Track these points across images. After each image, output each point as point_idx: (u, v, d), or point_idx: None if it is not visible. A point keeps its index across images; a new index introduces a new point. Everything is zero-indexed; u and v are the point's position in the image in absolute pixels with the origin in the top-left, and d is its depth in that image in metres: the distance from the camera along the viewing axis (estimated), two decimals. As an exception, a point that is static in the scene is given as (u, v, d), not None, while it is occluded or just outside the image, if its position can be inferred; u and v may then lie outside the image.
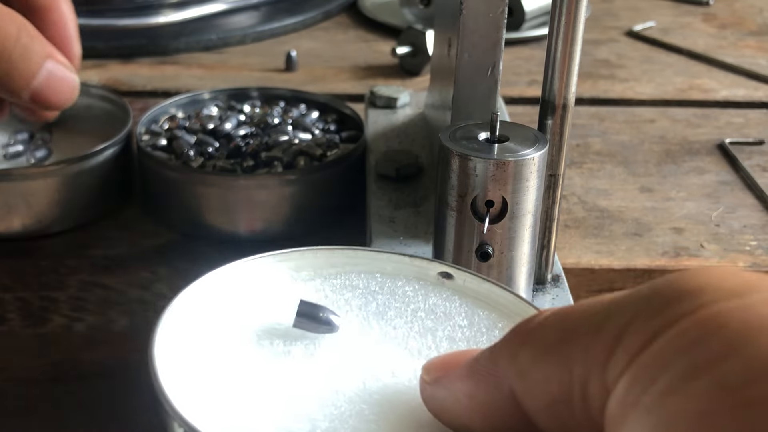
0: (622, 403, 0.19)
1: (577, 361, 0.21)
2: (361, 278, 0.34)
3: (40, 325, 0.50)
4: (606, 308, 0.21)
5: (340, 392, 0.28)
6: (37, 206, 0.54)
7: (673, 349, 0.19)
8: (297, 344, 0.30)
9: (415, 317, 0.32)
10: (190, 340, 0.29)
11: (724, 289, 0.19)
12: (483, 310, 0.33)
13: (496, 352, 0.24)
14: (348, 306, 0.32)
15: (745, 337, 0.18)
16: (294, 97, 0.65)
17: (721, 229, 0.57)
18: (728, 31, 0.96)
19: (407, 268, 0.34)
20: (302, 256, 0.34)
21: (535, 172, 0.38)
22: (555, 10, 0.39)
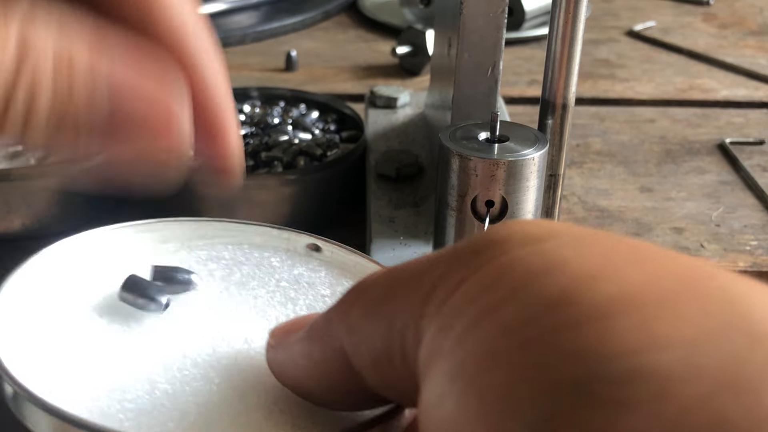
0: (429, 351, 0.20)
1: (397, 314, 0.21)
2: (228, 249, 0.34)
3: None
4: (427, 262, 0.21)
5: (188, 357, 0.27)
6: (37, 206, 0.54)
7: (469, 296, 0.19)
8: (151, 312, 0.29)
9: (278, 287, 0.32)
10: (34, 309, 0.29)
11: (525, 237, 0.20)
12: (348, 281, 0.33)
13: (331, 312, 0.24)
14: (211, 277, 0.32)
15: (528, 280, 0.18)
16: (294, 97, 0.65)
17: (721, 229, 0.57)
18: (728, 31, 0.96)
19: (276, 240, 0.34)
20: (167, 226, 0.34)
21: (535, 172, 0.38)
22: (555, 10, 0.39)
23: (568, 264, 0.18)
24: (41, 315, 0.29)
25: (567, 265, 0.18)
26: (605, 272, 0.18)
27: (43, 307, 0.29)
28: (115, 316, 0.29)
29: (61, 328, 0.28)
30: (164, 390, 0.26)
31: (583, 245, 0.19)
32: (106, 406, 0.25)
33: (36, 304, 0.29)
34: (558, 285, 0.18)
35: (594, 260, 0.18)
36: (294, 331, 0.26)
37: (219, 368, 0.27)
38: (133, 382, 0.26)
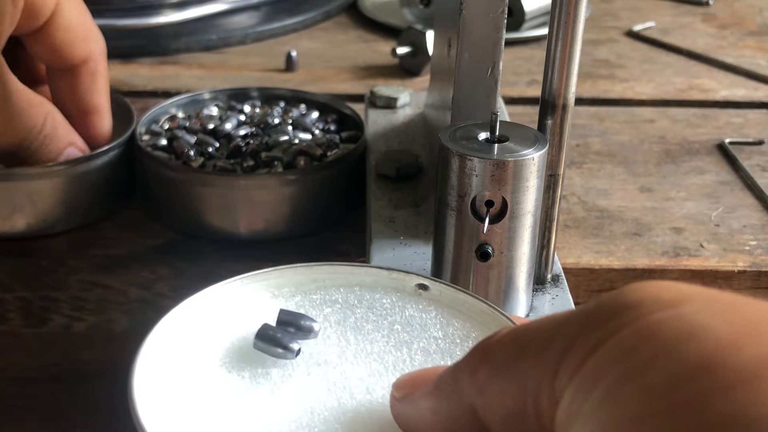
0: (567, 412, 0.20)
1: (529, 375, 0.22)
2: (340, 292, 0.35)
3: (40, 325, 0.50)
4: (556, 324, 0.22)
5: (315, 412, 0.28)
6: (42, 206, 0.54)
7: (609, 359, 0.20)
8: (276, 366, 0.30)
9: (392, 330, 0.33)
10: (169, 369, 0.30)
11: (661, 301, 0.20)
12: (458, 320, 0.33)
13: (458, 370, 0.25)
14: (327, 322, 0.33)
15: (673, 344, 0.19)
16: (294, 97, 0.65)
17: (720, 229, 0.57)
18: (728, 31, 0.96)
19: (385, 279, 0.35)
20: (282, 273, 0.35)
21: (535, 172, 0.38)
22: (555, 10, 0.39)
23: (710, 329, 0.19)
24: (175, 375, 0.30)
25: (709, 330, 0.19)
26: (749, 336, 0.18)
27: (176, 367, 0.30)
28: (244, 372, 0.30)
29: (194, 388, 0.29)
30: None
31: (722, 310, 0.20)
32: None
33: (169, 365, 0.30)
34: (703, 350, 0.18)
35: (736, 324, 0.19)
36: (418, 384, 0.26)
37: (346, 422, 0.28)
38: None
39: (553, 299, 0.43)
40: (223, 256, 0.53)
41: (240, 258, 0.53)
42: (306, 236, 0.55)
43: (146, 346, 0.30)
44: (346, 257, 0.53)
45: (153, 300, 0.53)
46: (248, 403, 0.29)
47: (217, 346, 0.31)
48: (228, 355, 0.31)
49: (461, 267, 0.40)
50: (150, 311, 0.53)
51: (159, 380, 0.29)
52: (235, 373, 0.30)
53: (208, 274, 0.52)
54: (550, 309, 0.42)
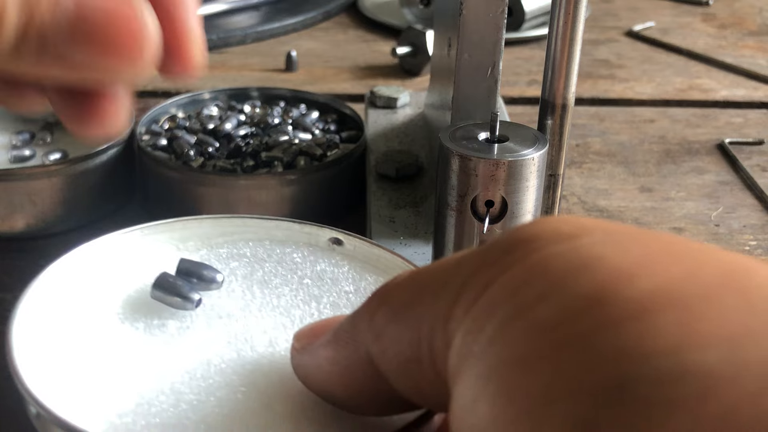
0: (459, 355, 0.19)
1: (424, 318, 0.21)
2: (249, 246, 0.33)
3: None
4: (454, 264, 0.21)
5: (212, 364, 0.27)
6: (42, 205, 0.54)
7: (500, 296, 0.19)
8: (174, 317, 0.29)
9: (302, 285, 0.31)
10: (57, 317, 0.29)
11: (557, 234, 0.19)
12: (371, 275, 0.32)
13: (356, 317, 0.23)
14: (233, 275, 0.32)
15: (564, 278, 0.18)
16: (294, 97, 0.65)
17: (720, 228, 0.57)
18: (728, 31, 0.96)
19: (297, 234, 0.34)
20: (186, 225, 0.33)
21: (534, 172, 0.38)
22: (555, 10, 0.39)
23: (603, 260, 0.18)
24: (62, 326, 0.28)
25: (602, 261, 0.18)
26: (642, 268, 0.17)
27: (64, 317, 0.29)
28: (138, 323, 0.29)
29: (84, 339, 0.28)
30: (189, 401, 0.25)
31: (618, 241, 0.18)
32: (132, 422, 0.25)
33: (56, 315, 0.29)
34: (594, 282, 0.17)
35: (630, 256, 0.18)
36: (319, 334, 0.25)
37: (244, 374, 0.27)
38: (157, 395, 0.26)
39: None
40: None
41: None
42: (306, 236, 0.55)
43: (30, 294, 0.28)
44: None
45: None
46: (140, 354, 0.27)
47: (111, 296, 0.30)
48: (122, 305, 0.30)
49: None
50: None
51: (43, 330, 0.28)
52: (128, 324, 0.29)
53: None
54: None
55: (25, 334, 0.27)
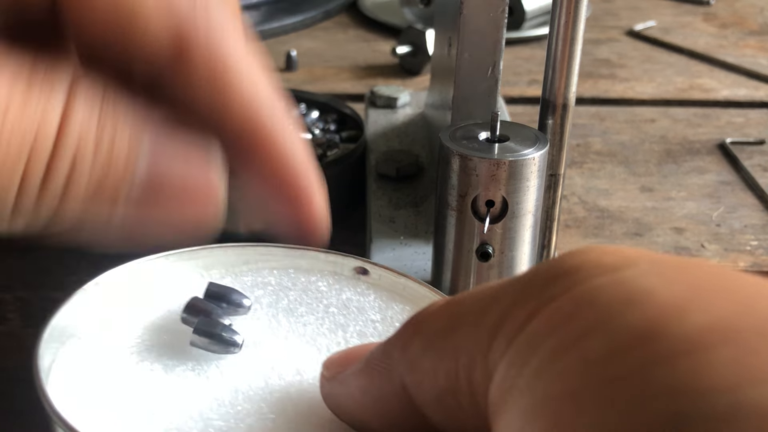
0: (501, 388, 0.19)
1: (462, 348, 0.20)
2: (273, 274, 0.33)
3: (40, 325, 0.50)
4: (492, 293, 0.20)
5: (240, 391, 0.27)
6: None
7: (545, 329, 0.18)
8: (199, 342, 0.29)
9: (327, 313, 0.31)
10: (84, 343, 0.28)
11: (601, 266, 0.19)
12: (398, 304, 0.32)
13: (389, 345, 0.23)
14: (258, 303, 0.31)
15: (612, 311, 0.17)
16: (294, 97, 0.65)
17: (721, 228, 0.57)
18: (729, 31, 0.96)
19: (322, 263, 0.34)
20: (211, 253, 0.33)
21: (535, 171, 0.38)
22: (555, 10, 0.39)
23: (652, 294, 0.17)
24: (90, 351, 0.28)
25: (651, 295, 0.17)
26: (693, 302, 0.17)
27: (92, 342, 0.29)
28: (165, 348, 0.29)
29: (111, 364, 0.28)
30: (218, 428, 0.25)
31: (664, 273, 0.18)
32: None
33: (84, 340, 0.29)
34: (644, 317, 0.17)
35: (679, 290, 0.17)
36: (349, 363, 0.25)
37: (272, 402, 0.26)
38: (186, 421, 0.25)
39: (553, 299, 0.43)
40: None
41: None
42: (306, 236, 0.55)
43: (57, 319, 0.28)
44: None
45: (153, 300, 0.53)
46: (168, 380, 0.27)
47: (138, 322, 0.30)
48: (150, 330, 0.29)
49: (461, 267, 0.40)
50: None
51: (71, 356, 0.27)
52: (156, 349, 0.28)
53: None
54: (550, 309, 0.42)
55: (52, 358, 0.27)
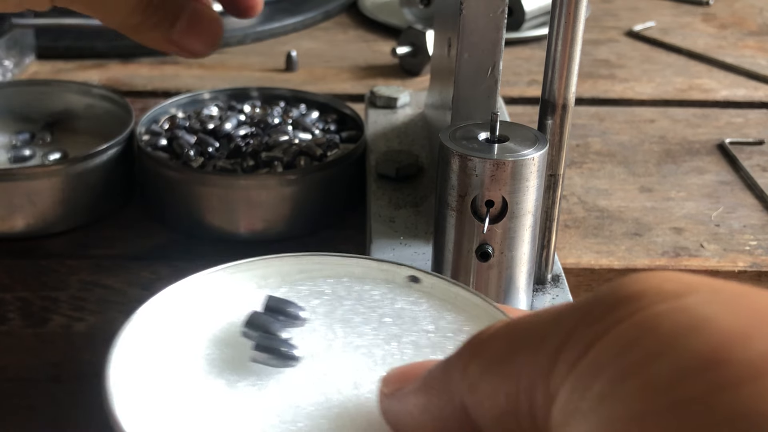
0: (564, 411, 0.19)
1: (523, 372, 0.21)
2: (328, 283, 0.34)
3: (40, 325, 0.50)
4: (553, 317, 0.21)
5: (300, 407, 0.27)
6: (42, 205, 0.54)
7: (609, 353, 0.19)
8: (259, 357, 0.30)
9: (382, 323, 0.32)
10: (148, 361, 0.29)
11: (663, 292, 0.19)
12: (450, 313, 0.32)
13: (449, 365, 0.24)
14: (314, 314, 0.32)
15: (676, 338, 0.18)
16: (294, 97, 0.65)
17: (721, 229, 0.57)
18: (728, 31, 0.96)
19: (375, 272, 0.34)
20: (268, 263, 0.34)
21: (535, 172, 0.38)
22: (555, 10, 0.39)
23: (714, 321, 0.18)
24: (155, 368, 0.29)
25: (714, 322, 0.18)
26: (756, 329, 0.18)
27: (156, 359, 0.29)
28: (227, 363, 0.29)
29: (175, 380, 0.28)
30: None
31: (726, 301, 0.19)
32: None
33: (148, 357, 0.29)
34: (708, 343, 0.17)
35: (741, 317, 0.18)
36: (407, 380, 0.25)
37: (331, 418, 0.27)
38: None
39: (553, 299, 0.43)
40: (224, 257, 0.53)
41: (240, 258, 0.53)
42: (306, 236, 0.55)
43: (123, 336, 0.29)
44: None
45: (153, 300, 0.53)
46: (231, 395, 0.28)
47: (201, 336, 0.30)
48: (212, 345, 0.30)
49: (461, 267, 0.40)
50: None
51: (137, 372, 0.28)
52: (217, 364, 0.29)
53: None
54: (550, 309, 0.42)
55: (119, 377, 0.27)
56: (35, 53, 0.82)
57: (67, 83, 0.65)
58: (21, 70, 0.79)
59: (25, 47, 0.80)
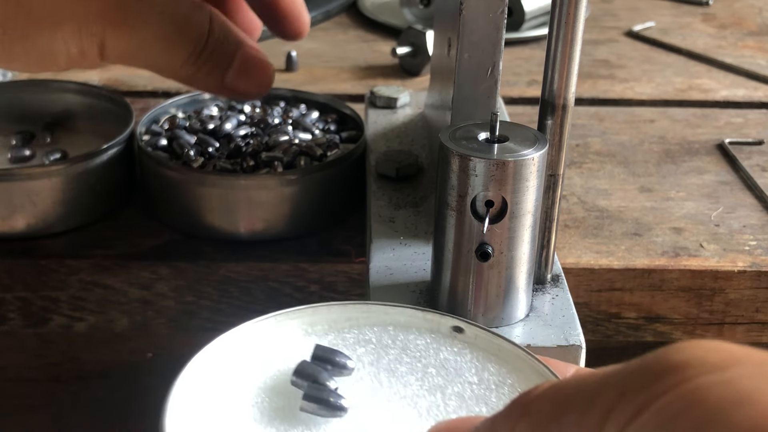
0: None
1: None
2: (374, 331, 0.34)
3: (40, 325, 0.50)
4: (599, 382, 0.22)
5: None
6: (42, 206, 0.54)
7: (654, 424, 0.19)
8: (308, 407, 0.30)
9: (426, 373, 0.32)
10: (202, 408, 0.30)
11: (708, 364, 0.20)
12: (493, 365, 0.33)
13: (496, 424, 0.24)
14: (360, 362, 0.33)
15: (721, 412, 0.18)
16: (294, 97, 0.65)
17: (720, 229, 0.57)
18: (728, 32, 0.96)
19: (419, 321, 0.35)
20: (315, 311, 0.34)
21: (534, 172, 0.38)
22: (555, 10, 0.39)
23: (760, 395, 0.18)
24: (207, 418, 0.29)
25: (758, 396, 0.18)
26: None
27: (208, 408, 0.30)
28: (277, 413, 0.30)
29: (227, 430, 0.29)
30: None
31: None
32: None
33: (201, 407, 0.30)
34: (753, 418, 0.18)
35: None
36: None
37: None
38: None
39: (553, 299, 0.43)
40: (223, 256, 0.53)
41: (240, 258, 0.53)
42: (306, 236, 0.55)
43: (178, 385, 0.29)
44: (346, 257, 0.53)
45: (153, 300, 0.53)
46: None
47: (252, 384, 0.31)
48: (262, 393, 0.31)
49: (461, 267, 0.40)
50: (150, 311, 0.53)
51: (191, 421, 0.29)
52: (268, 413, 0.30)
53: (209, 274, 0.52)
54: (550, 309, 0.42)
55: (174, 426, 0.28)
56: (35, 53, 0.82)
57: (67, 83, 0.65)
58: (21, 70, 0.79)
59: (25, 47, 0.80)
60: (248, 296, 0.53)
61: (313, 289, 0.53)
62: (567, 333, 0.40)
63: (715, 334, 0.54)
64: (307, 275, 0.53)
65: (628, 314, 0.53)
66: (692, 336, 0.54)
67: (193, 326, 0.54)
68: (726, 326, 0.54)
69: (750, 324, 0.54)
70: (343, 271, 0.53)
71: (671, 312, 0.53)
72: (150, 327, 0.52)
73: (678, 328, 0.54)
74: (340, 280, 0.53)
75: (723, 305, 0.53)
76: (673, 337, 0.54)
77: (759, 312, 0.53)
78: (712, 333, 0.54)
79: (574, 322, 0.41)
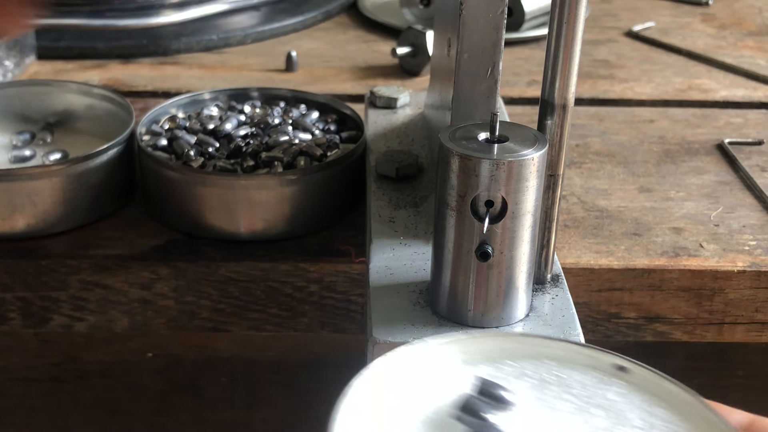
0: None
1: None
2: (532, 364, 0.33)
3: (40, 325, 0.50)
4: None
5: None
6: (42, 206, 0.54)
7: None
8: None
9: (590, 414, 0.31)
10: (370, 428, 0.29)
11: None
12: (661, 410, 0.31)
13: None
14: (521, 396, 0.32)
15: None
16: (294, 98, 0.65)
17: (720, 228, 0.57)
18: (727, 32, 0.96)
19: (578, 356, 0.33)
20: (474, 341, 0.34)
21: (534, 172, 0.38)
22: (555, 10, 0.39)
23: None
24: None
25: None
26: None
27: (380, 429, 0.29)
28: None
29: None
30: None
31: None
32: None
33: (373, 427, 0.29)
34: None
35: None
36: None
37: None
38: None
39: (552, 299, 0.43)
40: (223, 256, 0.53)
41: (240, 258, 0.53)
42: (306, 236, 0.55)
43: (341, 413, 0.29)
44: (346, 257, 0.53)
45: (153, 300, 0.53)
46: None
47: (413, 417, 0.30)
48: (424, 427, 0.30)
49: (461, 267, 0.40)
50: (150, 311, 0.53)
51: None
52: None
53: (209, 274, 0.52)
54: (549, 309, 0.42)
55: None
56: (35, 53, 0.82)
57: (67, 83, 0.66)
58: (21, 71, 0.79)
59: (25, 47, 0.80)
60: (248, 296, 0.53)
61: (313, 289, 0.53)
62: (567, 333, 0.40)
63: (715, 333, 0.54)
64: (307, 275, 0.53)
65: (627, 314, 0.53)
66: (692, 336, 0.54)
67: (193, 326, 0.54)
68: (726, 326, 0.54)
69: (750, 324, 0.54)
70: (343, 271, 0.53)
71: (671, 312, 0.53)
72: (150, 327, 0.52)
73: (678, 327, 0.54)
74: (340, 280, 0.53)
75: (723, 305, 0.53)
76: (672, 337, 0.54)
77: (759, 312, 0.53)
78: (711, 333, 0.54)
79: (573, 322, 0.41)
